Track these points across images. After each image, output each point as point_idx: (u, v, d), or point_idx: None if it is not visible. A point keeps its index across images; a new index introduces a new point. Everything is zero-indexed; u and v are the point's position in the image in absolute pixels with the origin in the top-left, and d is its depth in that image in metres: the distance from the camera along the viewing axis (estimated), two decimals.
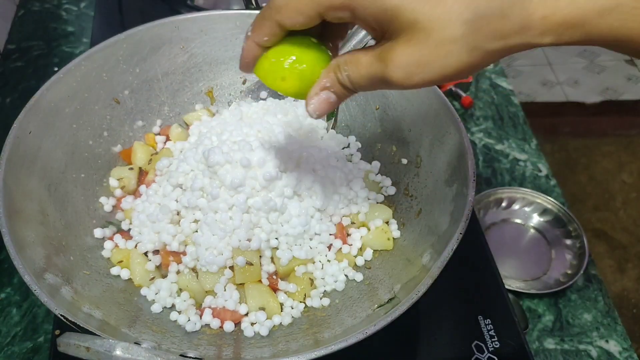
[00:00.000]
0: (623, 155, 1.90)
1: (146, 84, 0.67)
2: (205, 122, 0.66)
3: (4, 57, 0.98)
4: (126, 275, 0.55)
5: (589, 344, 0.71)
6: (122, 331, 0.47)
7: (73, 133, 0.60)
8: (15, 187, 0.50)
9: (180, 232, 0.55)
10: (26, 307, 0.67)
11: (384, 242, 0.58)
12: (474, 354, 0.56)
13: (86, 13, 1.06)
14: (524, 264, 0.79)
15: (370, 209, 0.60)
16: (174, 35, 0.66)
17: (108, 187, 0.62)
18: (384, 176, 0.64)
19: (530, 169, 0.90)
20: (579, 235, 0.80)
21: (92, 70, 0.61)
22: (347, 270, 0.57)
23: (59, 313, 0.41)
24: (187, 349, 0.48)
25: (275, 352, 0.49)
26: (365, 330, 0.42)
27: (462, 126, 0.54)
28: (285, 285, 0.55)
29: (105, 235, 0.58)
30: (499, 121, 0.97)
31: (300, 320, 0.53)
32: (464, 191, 0.50)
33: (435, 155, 0.58)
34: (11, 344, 0.64)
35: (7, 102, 0.91)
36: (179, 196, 0.57)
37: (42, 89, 0.56)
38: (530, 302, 0.74)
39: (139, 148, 0.65)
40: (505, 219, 0.84)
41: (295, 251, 0.55)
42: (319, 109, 0.38)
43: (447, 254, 0.45)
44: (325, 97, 0.38)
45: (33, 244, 0.49)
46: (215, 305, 0.53)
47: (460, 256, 0.47)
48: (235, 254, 0.53)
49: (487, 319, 0.59)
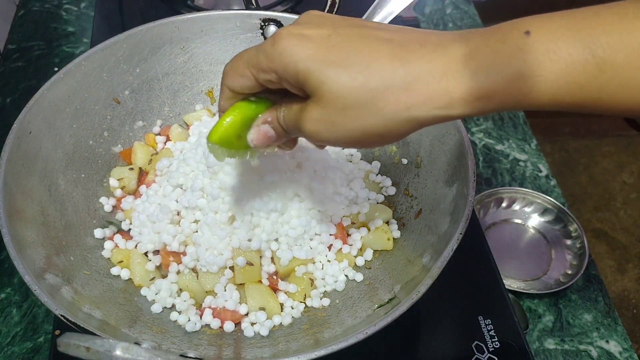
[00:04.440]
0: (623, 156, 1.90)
1: (146, 84, 0.67)
2: (206, 122, 0.66)
3: (4, 57, 0.98)
4: (126, 276, 0.55)
5: (589, 344, 0.71)
6: (122, 331, 0.47)
7: (73, 133, 0.60)
8: (15, 187, 0.50)
9: (180, 233, 0.55)
10: (26, 307, 0.67)
11: (384, 242, 0.58)
12: (474, 354, 0.56)
13: (86, 13, 1.06)
14: (524, 264, 0.79)
15: (371, 209, 0.60)
16: (174, 36, 0.66)
17: (108, 187, 0.62)
18: (384, 176, 0.64)
19: (530, 169, 0.90)
20: (579, 235, 0.80)
21: (92, 70, 0.61)
22: (347, 271, 0.57)
23: (59, 313, 0.41)
24: (187, 349, 0.48)
25: (275, 352, 0.49)
26: (366, 330, 0.42)
27: (462, 126, 0.54)
28: (286, 285, 0.55)
29: (106, 235, 0.58)
30: (499, 121, 0.97)
31: (300, 320, 0.53)
32: (464, 191, 0.50)
33: (436, 155, 0.58)
34: (11, 344, 0.64)
35: (8, 102, 0.91)
36: (179, 196, 0.57)
37: (43, 89, 0.56)
38: (530, 302, 0.74)
39: (139, 148, 0.65)
40: (505, 219, 0.84)
41: (296, 251, 0.55)
42: (257, 139, 0.40)
43: (447, 254, 0.45)
44: (264, 130, 0.40)
45: (33, 244, 0.49)
46: (215, 305, 0.53)
47: (460, 256, 0.47)
48: (235, 254, 0.53)
49: (487, 319, 0.59)
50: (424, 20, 1.10)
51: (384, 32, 0.34)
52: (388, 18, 0.55)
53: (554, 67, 0.30)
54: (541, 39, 0.30)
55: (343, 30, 0.34)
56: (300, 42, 0.34)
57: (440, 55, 0.32)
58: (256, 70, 0.36)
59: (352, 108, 0.33)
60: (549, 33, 0.30)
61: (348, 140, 0.35)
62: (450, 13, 1.13)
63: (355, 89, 0.32)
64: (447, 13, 1.13)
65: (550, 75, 0.31)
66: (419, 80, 0.31)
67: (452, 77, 0.31)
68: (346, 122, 0.33)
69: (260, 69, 0.36)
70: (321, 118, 0.34)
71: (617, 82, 0.30)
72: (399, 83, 0.31)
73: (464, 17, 1.12)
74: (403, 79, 0.31)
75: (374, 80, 0.32)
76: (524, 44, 0.31)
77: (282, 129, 0.39)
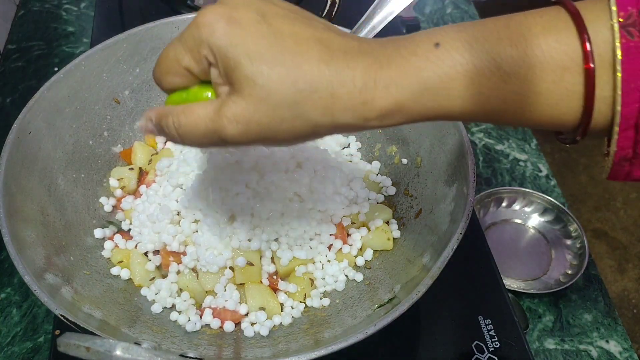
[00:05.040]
0: None
1: (146, 84, 0.67)
2: None
3: (4, 57, 0.98)
4: (126, 275, 0.55)
5: (589, 344, 0.71)
6: (122, 331, 0.47)
7: (73, 133, 0.60)
8: (15, 187, 0.50)
9: (180, 232, 0.55)
10: (26, 307, 0.67)
11: (384, 242, 0.58)
12: (474, 354, 0.56)
13: (86, 13, 1.06)
14: (524, 264, 0.79)
15: (371, 209, 0.60)
16: (174, 36, 0.65)
17: (108, 187, 0.62)
18: (384, 176, 0.64)
19: (530, 169, 0.90)
20: (579, 235, 0.80)
21: (92, 70, 0.61)
22: (347, 271, 0.57)
23: (59, 313, 0.41)
24: (187, 349, 0.48)
25: (275, 352, 0.49)
26: (366, 330, 0.42)
27: (462, 126, 0.54)
28: (286, 285, 0.55)
29: (106, 235, 0.58)
30: None
31: (300, 320, 0.53)
32: (464, 191, 0.50)
33: (436, 155, 0.58)
34: (11, 344, 0.64)
35: (8, 102, 0.91)
36: (179, 196, 0.57)
37: (42, 89, 0.56)
38: (531, 302, 0.74)
39: (139, 148, 0.65)
40: (505, 219, 0.84)
41: (296, 251, 0.55)
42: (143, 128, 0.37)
43: (447, 254, 0.45)
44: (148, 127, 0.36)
45: (33, 244, 0.49)
46: (215, 305, 0.53)
47: (460, 256, 0.47)
48: (235, 254, 0.53)
49: (487, 319, 0.59)
50: (424, 20, 1.10)
51: (312, 30, 0.33)
52: (388, 18, 0.55)
53: (460, 79, 0.31)
54: (449, 51, 0.31)
55: (273, 21, 0.32)
56: (229, 26, 0.31)
57: (360, 64, 0.31)
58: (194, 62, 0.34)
59: (281, 107, 0.31)
60: (458, 45, 0.31)
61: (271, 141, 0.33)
62: (450, 13, 1.13)
63: (286, 89, 0.31)
64: (447, 13, 1.13)
65: (458, 87, 0.31)
66: (343, 87, 0.31)
67: (370, 88, 0.31)
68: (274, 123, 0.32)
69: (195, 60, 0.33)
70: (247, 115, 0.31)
71: (520, 95, 0.31)
72: (325, 87, 0.31)
73: (464, 17, 1.12)
74: (329, 83, 0.31)
75: (303, 81, 0.31)
76: (433, 56, 0.31)
77: (168, 137, 0.35)
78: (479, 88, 0.31)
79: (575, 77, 0.30)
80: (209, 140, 0.34)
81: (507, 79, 0.30)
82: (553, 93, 0.30)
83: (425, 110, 0.32)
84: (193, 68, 0.34)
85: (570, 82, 0.30)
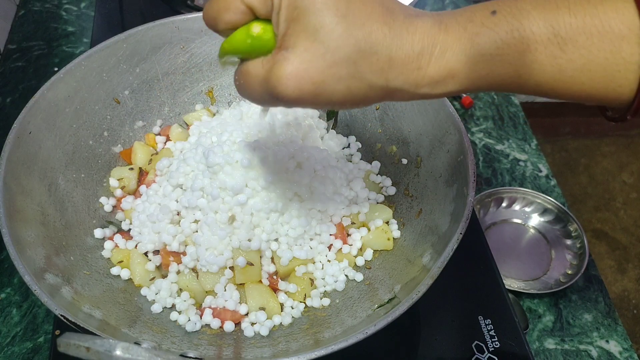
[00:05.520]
0: (623, 156, 1.90)
1: (146, 84, 0.67)
2: (206, 122, 0.66)
3: (4, 57, 0.98)
4: (126, 275, 0.55)
5: (589, 344, 0.71)
6: (122, 331, 0.47)
7: (73, 133, 0.60)
8: (15, 187, 0.50)
9: (180, 233, 0.55)
10: (26, 307, 0.67)
11: (384, 242, 0.58)
12: (474, 354, 0.56)
13: (86, 13, 1.06)
14: (524, 264, 0.79)
15: (371, 209, 0.60)
16: (174, 35, 0.66)
17: (108, 187, 0.62)
18: (384, 176, 0.64)
19: (530, 169, 0.90)
20: (579, 235, 0.80)
21: (92, 70, 0.61)
22: (347, 271, 0.57)
23: (59, 313, 0.41)
24: (187, 349, 0.48)
25: (275, 352, 0.49)
26: (366, 330, 0.42)
27: (462, 126, 0.54)
28: (286, 285, 0.55)
29: (106, 235, 0.58)
30: (499, 121, 0.97)
31: (300, 320, 0.53)
32: (464, 191, 0.50)
33: (436, 155, 0.58)
34: (11, 344, 0.64)
35: (8, 102, 0.91)
36: (179, 196, 0.57)
37: (43, 89, 0.56)
38: (531, 302, 0.74)
39: (139, 148, 0.65)
40: (505, 219, 0.84)
41: (296, 251, 0.55)
42: None
43: (447, 254, 0.45)
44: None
45: (33, 244, 0.49)
46: (215, 305, 0.53)
47: (460, 256, 0.47)
48: (235, 254, 0.53)
49: (487, 319, 0.59)
50: None
51: None
52: None
53: (516, 44, 0.31)
54: (506, 17, 0.31)
55: None
56: None
57: (420, 29, 0.31)
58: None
59: (339, 65, 0.31)
60: (515, 12, 0.31)
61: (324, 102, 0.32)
62: None
63: (347, 46, 0.30)
64: None
65: (513, 53, 0.31)
66: (401, 49, 0.31)
67: (427, 53, 0.31)
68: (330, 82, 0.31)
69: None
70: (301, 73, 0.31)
71: (577, 64, 0.30)
72: (385, 49, 0.31)
73: None
74: (389, 45, 0.31)
75: (365, 41, 0.31)
76: (489, 22, 0.31)
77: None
78: (535, 56, 0.31)
79: (633, 47, 0.29)
80: (266, 101, 0.34)
81: (564, 47, 0.30)
82: (610, 63, 0.30)
83: (478, 78, 0.32)
84: (256, 5, 0.33)
85: (628, 52, 0.30)
